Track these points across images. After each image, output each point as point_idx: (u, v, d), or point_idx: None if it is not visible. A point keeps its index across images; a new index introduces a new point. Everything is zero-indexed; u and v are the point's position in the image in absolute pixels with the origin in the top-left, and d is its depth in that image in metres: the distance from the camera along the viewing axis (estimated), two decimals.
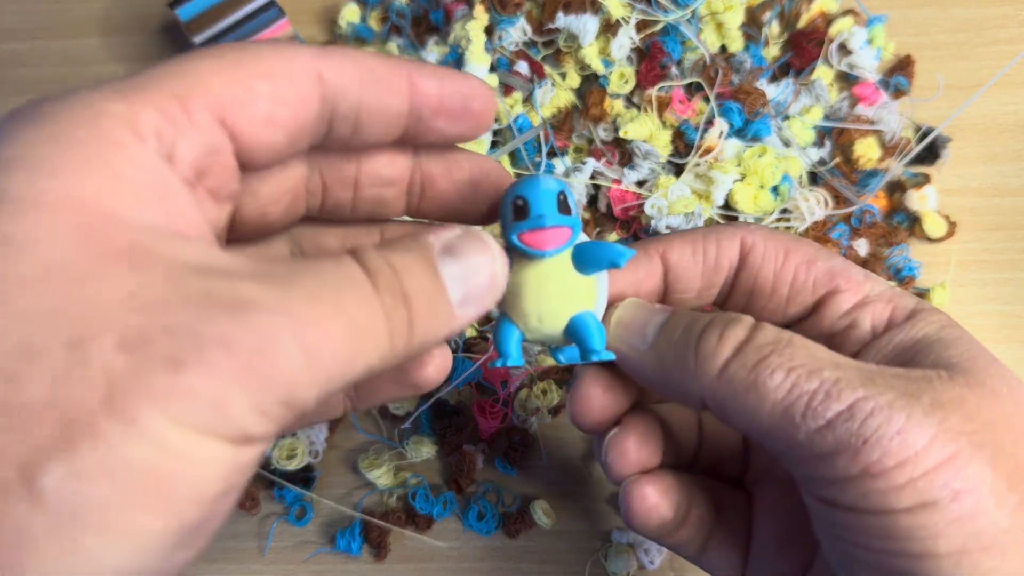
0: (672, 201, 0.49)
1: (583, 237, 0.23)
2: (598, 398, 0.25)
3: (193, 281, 0.14)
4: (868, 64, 0.57)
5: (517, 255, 0.22)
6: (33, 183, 0.13)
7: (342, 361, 0.16)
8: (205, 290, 0.14)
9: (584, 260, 0.22)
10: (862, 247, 0.52)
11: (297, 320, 0.15)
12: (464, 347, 0.50)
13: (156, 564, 0.14)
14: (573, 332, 0.22)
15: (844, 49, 0.57)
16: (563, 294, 0.22)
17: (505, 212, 0.22)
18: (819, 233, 0.50)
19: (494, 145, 0.54)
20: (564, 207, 0.22)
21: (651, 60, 0.54)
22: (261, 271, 0.15)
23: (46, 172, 0.13)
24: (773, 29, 0.58)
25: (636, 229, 0.52)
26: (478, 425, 0.50)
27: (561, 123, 0.55)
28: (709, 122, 0.52)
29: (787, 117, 0.54)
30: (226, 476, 0.15)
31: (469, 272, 0.19)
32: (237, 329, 0.14)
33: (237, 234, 0.21)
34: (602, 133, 0.54)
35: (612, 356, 0.23)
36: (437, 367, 0.24)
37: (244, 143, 0.18)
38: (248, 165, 0.19)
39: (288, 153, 0.19)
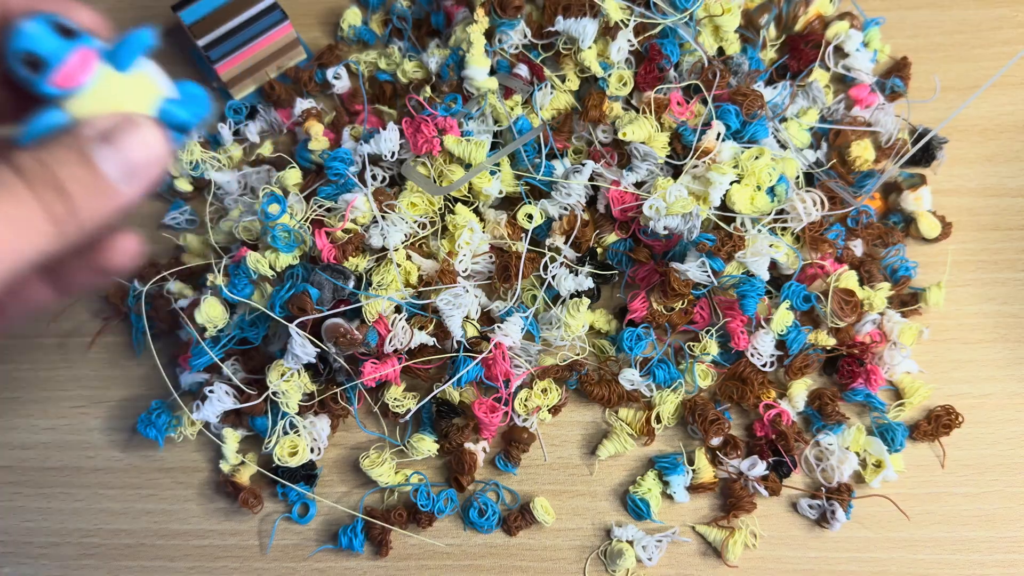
0: (670, 202, 0.50)
1: (100, 45, 0.23)
2: None
3: None
4: (864, 66, 0.57)
5: (67, 100, 0.22)
6: None
7: (5, 248, 0.18)
8: None
9: (119, 59, 0.22)
10: (858, 248, 0.53)
11: None
12: (466, 346, 0.51)
13: None
14: (167, 123, 0.23)
15: (840, 52, 0.58)
16: (126, 101, 0.22)
17: (20, 74, 0.21)
18: (815, 234, 0.50)
19: (494, 147, 0.55)
20: (66, 31, 0.21)
21: (649, 63, 0.54)
22: None
23: None
24: (770, 32, 0.58)
25: (635, 229, 0.53)
26: (479, 423, 0.50)
27: (560, 125, 0.56)
28: (707, 124, 0.52)
29: (784, 119, 0.55)
30: None
31: (124, 150, 0.21)
32: None
33: None
34: (601, 135, 0.55)
35: (202, 116, 0.24)
36: (125, 252, 0.25)
37: None
38: None
39: None
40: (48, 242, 0.19)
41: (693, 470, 0.50)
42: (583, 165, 0.52)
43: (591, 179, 0.53)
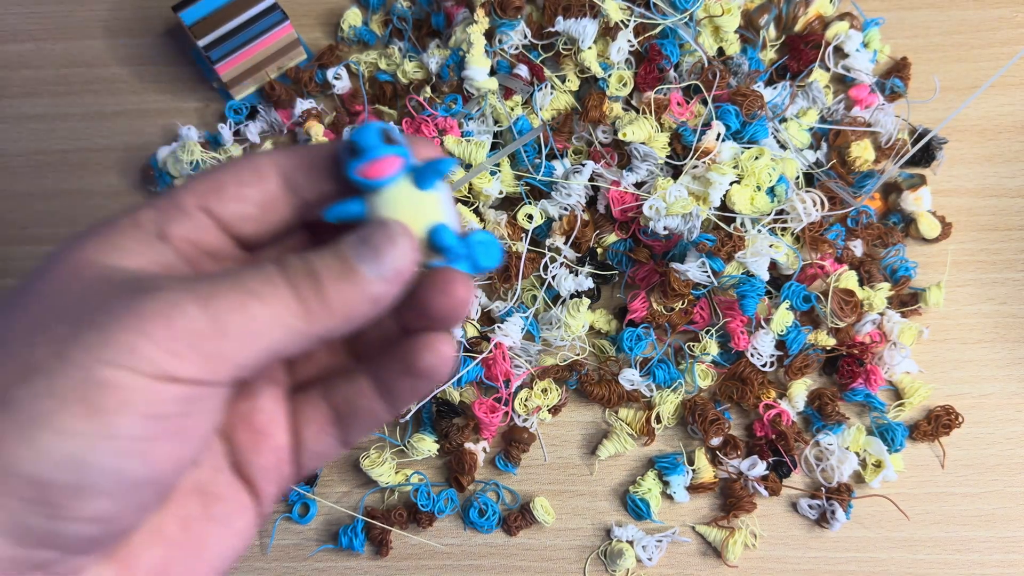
0: (670, 202, 0.50)
1: (416, 163, 0.26)
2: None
3: (131, 286, 0.22)
4: (864, 67, 0.57)
5: (368, 192, 0.25)
6: (61, 253, 0.23)
7: (247, 318, 0.22)
8: (138, 286, 0.22)
9: (421, 177, 0.26)
10: (858, 248, 0.53)
11: (198, 292, 0.22)
12: (466, 346, 0.51)
13: (89, 455, 0.20)
14: (432, 243, 0.25)
15: (840, 52, 0.58)
16: (412, 212, 0.25)
17: (343, 158, 0.26)
18: (815, 234, 0.50)
19: (494, 147, 0.55)
20: (389, 139, 0.25)
21: (649, 63, 0.54)
22: (188, 278, 0.22)
23: (72, 248, 0.23)
24: (770, 33, 0.58)
25: (635, 230, 0.53)
26: (479, 423, 0.50)
27: (561, 125, 0.56)
28: (707, 124, 0.52)
29: (784, 119, 0.55)
30: (147, 401, 0.21)
31: (374, 246, 0.24)
32: (145, 300, 0.21)
33: None
34: (601, 135, 0.55)
35: (461, 259, 0.26)
36: (438, 354, 0.27)
37: (224, 219, 0.25)
38: (241, 236, 0.26)
39: (269, 219, 0.26)
40: (298, 323, 0.23)
41: (693, 470, 0.50)
42: (583, 165, 0.52)
43: (591, 179, 0.53)
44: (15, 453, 0.20)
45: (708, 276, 0.49)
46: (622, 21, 0.54)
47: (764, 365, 0.51)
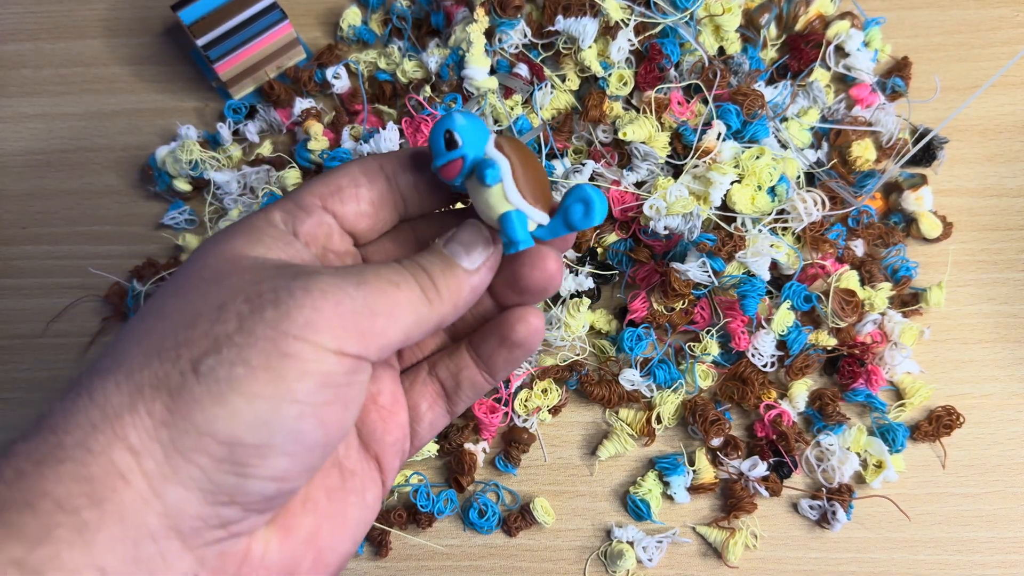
0: (670, 202, 0.49)
1: (488, 153, 0.29)
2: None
3: (290, 271, 0.25)
4: (865, 66, 0.57)
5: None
6: (213, 247, 0.27)
7: (390, 303, 0.25)
8: (298, 271, 0.25)
9: (478, 176, 0.28)
10: (859, 248, 0.53)
11: (351, 279, 0.25)
12: None
13: (275, 417, 0.23)
14: (501, 231, 0.29)
15: (841, 51, 0.58)
16: (485, 204, 0.28)
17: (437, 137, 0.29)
18: (816, 234, 0.50)
19: None
20: (451, 143, 0.28)
21: (650, 62, 0.54)
22: (337, 268, 0.26)
23: (221, 243, 0.27)
24: (771, 32, 0.58)
25: (635, 229, 0.53)
26: (479, 424, 0.50)
27: (561, 125, 0.56)
28: (707, 124, 0.52)
29: (784, 119, 0.55)
30: (323, 371, 0.23)
31: (462, 243, 0.29)
32: (312, 281, 0.24)
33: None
34: (601, 135, 0.54)
35: (531, 243, 0.29)
36: (529, 325, 0.31)
37: (343, 217, 0.29)
38: (357, 232, 0.30)
39: (380, 216, 0.30)
40: (423, 308, 0.27)
41: (693, 471, 0.50)
42: (583, 165, 0.52)
43: (591, 179, 0.53)
44: (210, 414, 0.22)
45: (709, 276, 0.49)
46: (622, 20, 0.54)
47: (765, 365, 0.50)
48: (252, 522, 0.24)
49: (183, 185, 0.58)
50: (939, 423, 0.50)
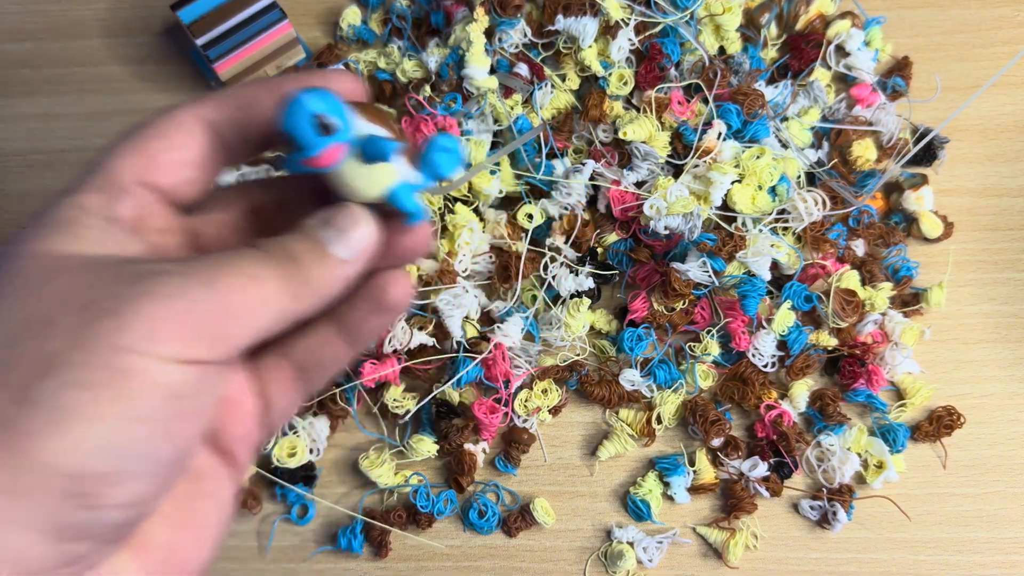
0: (671, 202, 0.49)
1: (360, 130, 0.26)
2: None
3: (128, 270, 0.22)
4: (866, 66, 0.57)
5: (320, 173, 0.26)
6: (24, 248, 0.23)
7: (247, 300, 0.23)
8: (136, 272, 0.22)
9: (365, 156, 0.26)
10: (860, 248, 0.53)
11: (201, 275, 0.22)
12: (466, 347, 0.51)
13: (123, 440, 0.21)
14: (391, 208, 0.26)
15: (842, 51, 0.58)
16: (365, 183, 0.26)
17: (284, 149, 0.26)
18: (817, 234, 0.50)
19: (494, 146, 0.55)
20: (325, 127, 0.24)
21: (650, 62, 0.54)
22: (183, 261, 0.23)
23: (32, 242, 0.23)
24: (771, 31, 0.58)
25: (635, 229, 0.52)
26: (479, 424, 0.50)
27: (561, 124, 0.56)
28: (707, 123, 0.52)
29: (785, 118, 0.55)
30: (168, 383, 0.21)
31: (341, 229, 0.25)
32: (155, 285, 0.21)
33: (203, 247, 0.28)
34: (601, 134, 0.54)
35: (426, 214, 0.27)
36: (399, 287, 0.28)
37: (165, 189, 0.25)
38: (183, 201, 0.26)
39: (206, 178, 0.26)
40: (287, 303, 0.24)
41: (694, 471, 0.50)
42: (583, 165, 0.52)
43: (591, 179, 0.53)
44: (48, 447, 0.20)
45: (709, 276, 0.49)
46: (623, 19, 0.54)
47: (765, 365, 0.50)
48: (104, 552, 0.22)
49: None
50: (940, 423, 0.50)
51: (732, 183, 0.50)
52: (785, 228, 0.51)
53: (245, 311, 0.23)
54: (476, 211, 0.54)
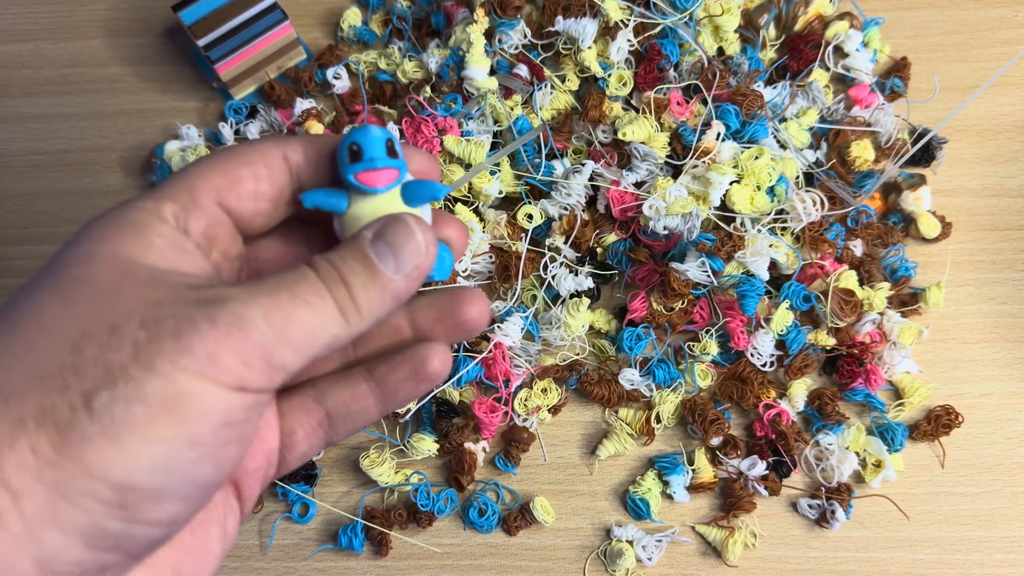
0: (670, 202, 0.50)
1: (408, 177, 0.27)
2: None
3: (191, 292, 0.23)
4: (864, 66, 0.57)
5: (355, 192, 0.26)
6: (98, 247, 0.23)
7: (303, 328, 0.23)
8: (200, 297, 0.22)
9: (411, 195, 0.27)
10: (858, 248, 0.53)
11: (261, 303, 0.22)
12: (466, 346, 0.51)
13: (174, 461, 0.21)
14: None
15: (840, 52, 0.58)
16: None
17: (342, 156, 0.26)
18: (815, 234, 0.50)
19: (494, 147, 0.55)
20: (392, 152, 0.26)
21: (649, 63, 0.54)
22: (244, 286, 0.23)
23: (107, 242, 0.23)
24: (770, 32, 0.58)
25: (635, 229, 0.53)
26: (479, 423, 0.50)
27: (560, 125, 0.56)
28: (706, 124, 0.52)
29: (784, 119, 0.55)
30: (224, 410, 0.22)
31: (397, 246, 0.25)
32: (218, 311, 0.22)
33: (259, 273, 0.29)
34: (601, 135, 0.55)
35: (447, 275, 0.28)
36: (438, 359, 0.28)
37: (238, 215, 0.26)
38: (250, 230, 0.27)
39: (277, 214, 0.27)
40: (337, 325, 0.24)
41: (693, 470, 0.50)
42: (583, 165, 0.52)
43: (591, 179, 0.53)
44: (102, 456, 0.20)
45: (708, 276, 0.49)
46: (622, 21, 0.54)
47: (764, 365, 0.50)
48: (126, 567, 0.23)
49: None
50: (938, 422, 0.50)
51: (731, 183, 0.50)
52: (783, 228, 0.51)
53: (300, 339, 0.23)
54: (476, 211, 0.54)
